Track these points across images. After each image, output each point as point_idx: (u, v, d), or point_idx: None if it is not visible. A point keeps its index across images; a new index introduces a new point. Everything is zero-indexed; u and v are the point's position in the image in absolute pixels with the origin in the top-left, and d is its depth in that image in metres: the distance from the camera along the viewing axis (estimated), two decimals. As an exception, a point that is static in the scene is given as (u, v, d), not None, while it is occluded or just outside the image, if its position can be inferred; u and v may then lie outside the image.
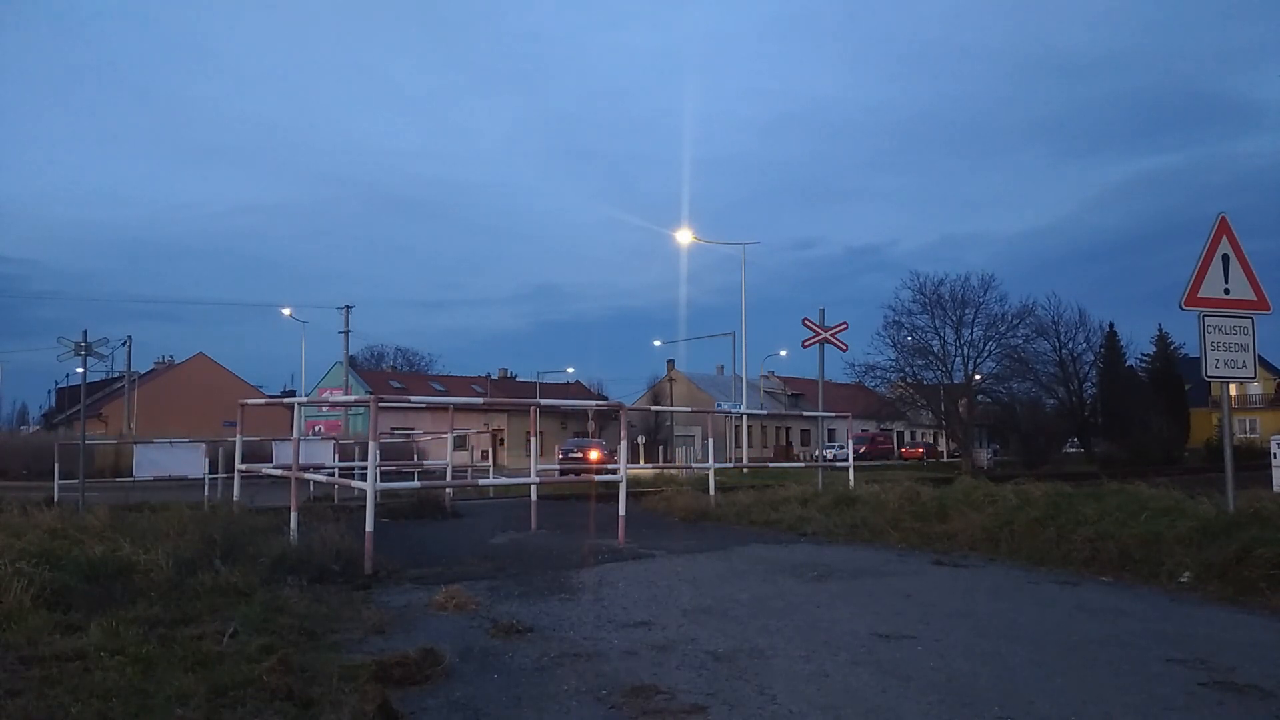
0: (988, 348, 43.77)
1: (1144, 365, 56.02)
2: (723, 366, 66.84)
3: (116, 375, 52.16)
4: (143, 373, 58.67)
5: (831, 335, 17.28)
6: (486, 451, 41.74)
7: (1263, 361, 53.67)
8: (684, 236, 37.98)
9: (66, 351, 15.69)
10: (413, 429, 32.31)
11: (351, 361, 52.70)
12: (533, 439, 12.33)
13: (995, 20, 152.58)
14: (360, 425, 46.42)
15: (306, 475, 10.63)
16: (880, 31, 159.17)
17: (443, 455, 19.13)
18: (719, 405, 42.31)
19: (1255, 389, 63.17)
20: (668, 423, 56.82)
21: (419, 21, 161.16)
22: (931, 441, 64.24)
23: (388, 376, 65.36)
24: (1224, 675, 4.43)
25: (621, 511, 9.75)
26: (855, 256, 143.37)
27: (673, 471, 24.35)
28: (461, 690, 4.19)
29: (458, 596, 6.16)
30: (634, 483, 14.06)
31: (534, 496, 12.11)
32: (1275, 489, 15.03)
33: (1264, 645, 5.13)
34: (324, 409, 53.33)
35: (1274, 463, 17.00)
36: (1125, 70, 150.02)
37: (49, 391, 68.67)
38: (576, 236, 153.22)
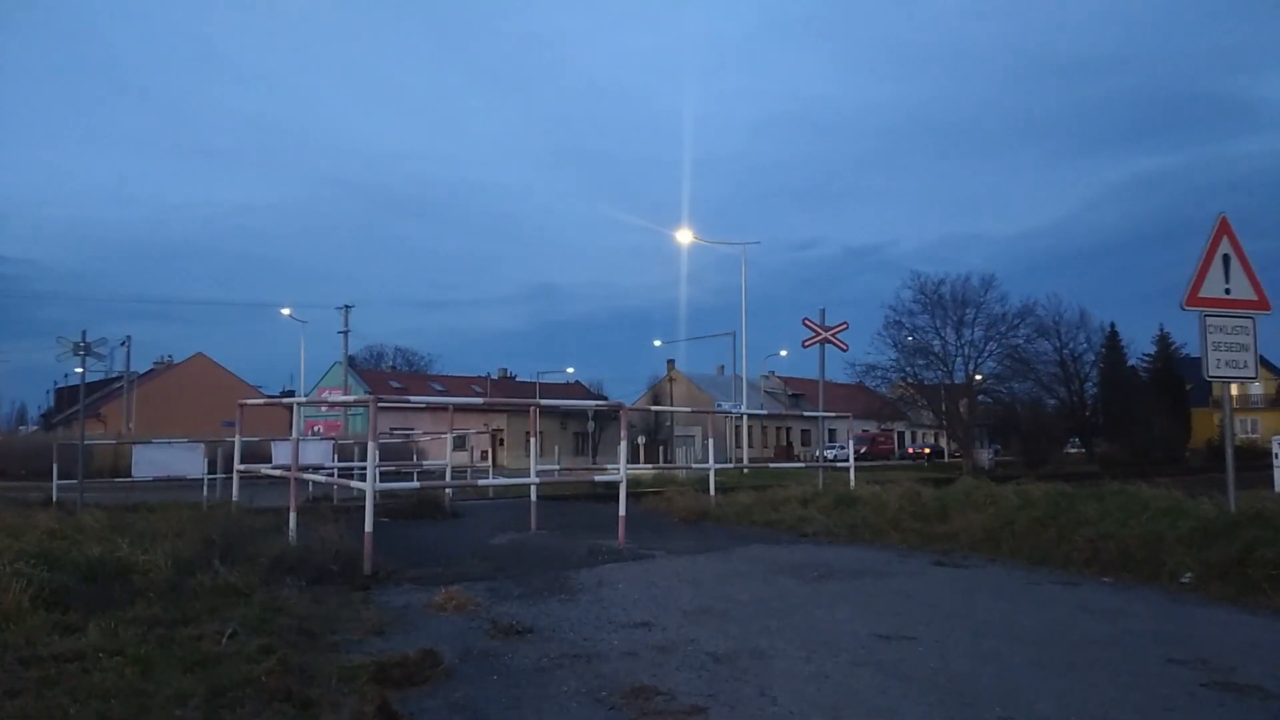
0: (988, 348, 43.78)
1: (1145, 365, 56.06)
2: (723, 366, 66.83)
3: (115, 375, 52.08)
4: (142, 373, 58.68)
5: (832, 335, 17.28)
6: (486, 452, 41.72)
7: (1264, 361, 53.32)
8: (684, 236, 37.97)
9: (65, 351, 15.70)
10: (412, 429, 32.21)
11: (351, 361, 52.70)
12: (532, 439, 12.33)
13: (993, 20, 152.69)
14: (360, 425, 46.40)
15: (306, 475, 10.62)
16: (878, 31, 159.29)
17: (442, 455, 19.13)
18: (719, 405, 42.32)
19: (1256, 389, 63.12)
20: (668, 423, 56.79)
21: (419, 22, 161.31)
22: (933, 441, 64.24)
23: (387, 376, 65.34)
24: (1225, 675, 4.42)
25: (622, 512, 9.74)
26: (855, 256, 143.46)
27: (673, 471, 24.31)
28: (461, 691, 4.18)
29: (457, 597, 6.15)
30: (634, 483, 14.05)
31: (534, 497, 12.09)
32: (1277, 489, 15.03)
33: (1265, 645, 5.12)
34: (323, 409, 53.33)
35: (1275, 463, 17.01)
36: (1124, 70, 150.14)
37: (48, 391, 68.74)
38: (576, 236, 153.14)
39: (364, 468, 9.60)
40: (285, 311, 53.05)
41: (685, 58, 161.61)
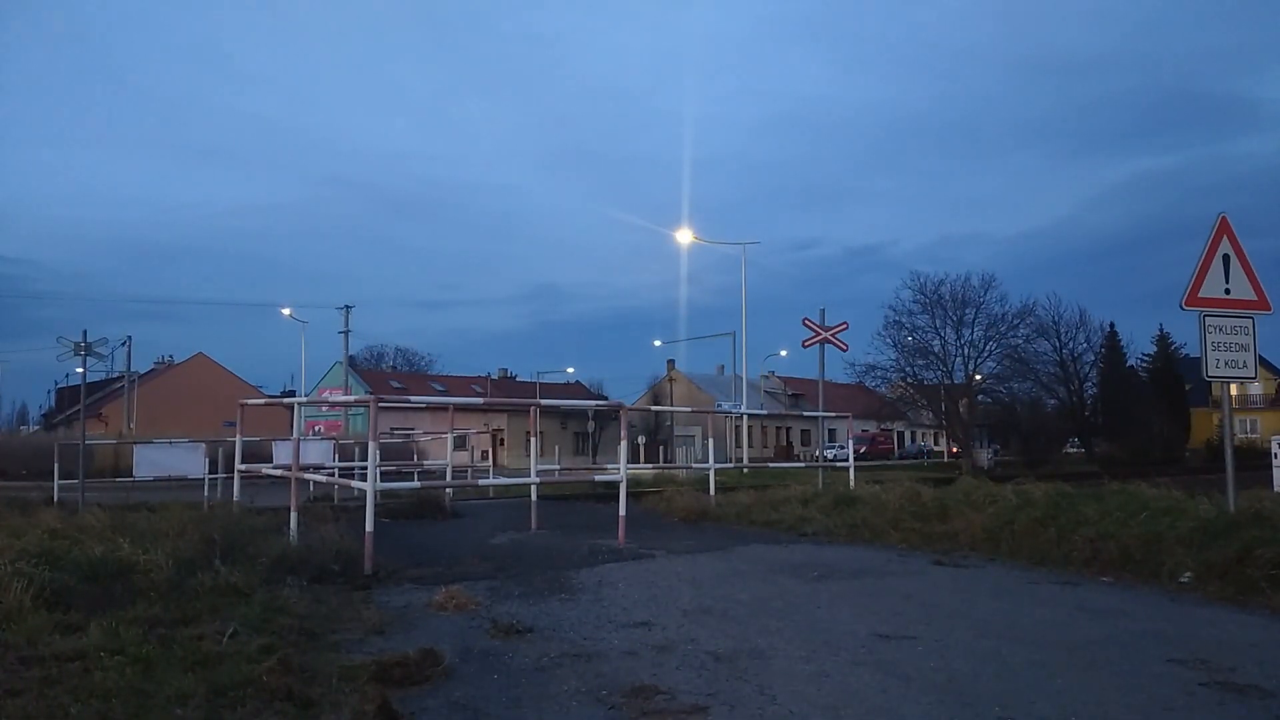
0: (988, 348, 43.75)
1: (1144, 365, 56.09)
2: (723, 366, 66.79)
3: (116, 375, 52.19)
4: (142, 373, 58.68)
5: (832, 335, 17.30)
6: (486, 452, 41.72)
7: (1263, 361, 53.57)
8: (684, 236, 37.98)
9: (66, 351, 15.72)
10: (413, 429, 32.23)
11: (351, 361, 52.71)
12: (533, 439, 12.35)
13: (992, 20, 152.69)
14: (360, 425, 46.37)
15: (306, 475, 10.63)
16: (879, 31, 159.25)
17: (443, 455, 19.13)
18: (719, 405, 42.35)
19: (1256, 389, 63.12)
20: (668, 423, 56.78)
21: (419, 21, 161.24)
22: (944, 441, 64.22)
23: (388, 376, 65.34)
24: (1224, 675, 4.42)
25: (622, 511, 9.75)
26: (854, 256, 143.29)
27: (673, 471, 24.31)
28: (461, 690, 4.19)
29: (458, 597, 6.16)
30: (634, 483, 14.06)
31: (534, 496, 12.10)
32: (1276, 489, 15.04)
33: (1265, 645, 5.13)
34: (324, 409, 53.37)
35: (1275, 463, 17.03)
36: (1123, 70, 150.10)
37: (49, 391, 68.75)
38: (576, 236, 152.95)
39: (364, 467, 9.61)
40: (285, 311, 53.13)
41: (685, 58, 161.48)
